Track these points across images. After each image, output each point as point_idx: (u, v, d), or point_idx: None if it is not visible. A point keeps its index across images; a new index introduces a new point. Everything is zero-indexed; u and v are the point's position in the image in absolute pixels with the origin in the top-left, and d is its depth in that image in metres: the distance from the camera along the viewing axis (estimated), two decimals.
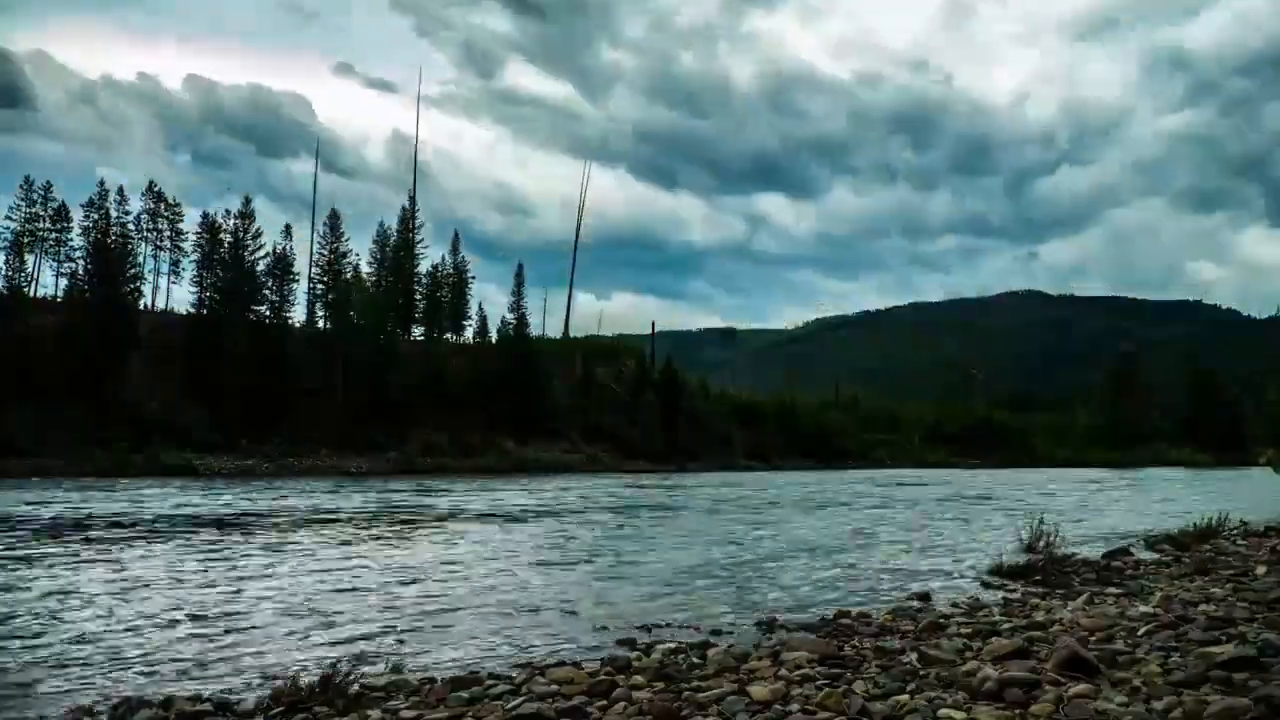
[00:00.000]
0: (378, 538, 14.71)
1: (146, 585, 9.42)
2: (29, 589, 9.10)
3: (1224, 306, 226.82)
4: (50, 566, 10.71)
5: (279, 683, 5.40)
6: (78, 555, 11.73)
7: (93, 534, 14.36)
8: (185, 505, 20.36)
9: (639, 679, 5.46)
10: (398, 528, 16.43)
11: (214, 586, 9.42)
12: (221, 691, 5.47)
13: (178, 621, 7.59)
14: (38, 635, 7.03)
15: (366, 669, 5.71)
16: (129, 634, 7.10)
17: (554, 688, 5.30)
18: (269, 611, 8.09)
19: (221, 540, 13.82)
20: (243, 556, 11.88)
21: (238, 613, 8.00)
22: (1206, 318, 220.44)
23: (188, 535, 14.46)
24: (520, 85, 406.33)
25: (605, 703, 4.98)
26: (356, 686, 5.31)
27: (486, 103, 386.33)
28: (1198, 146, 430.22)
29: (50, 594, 8.84)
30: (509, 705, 4.93)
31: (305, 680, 5.28)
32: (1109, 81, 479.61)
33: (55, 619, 7.63)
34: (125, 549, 12.43)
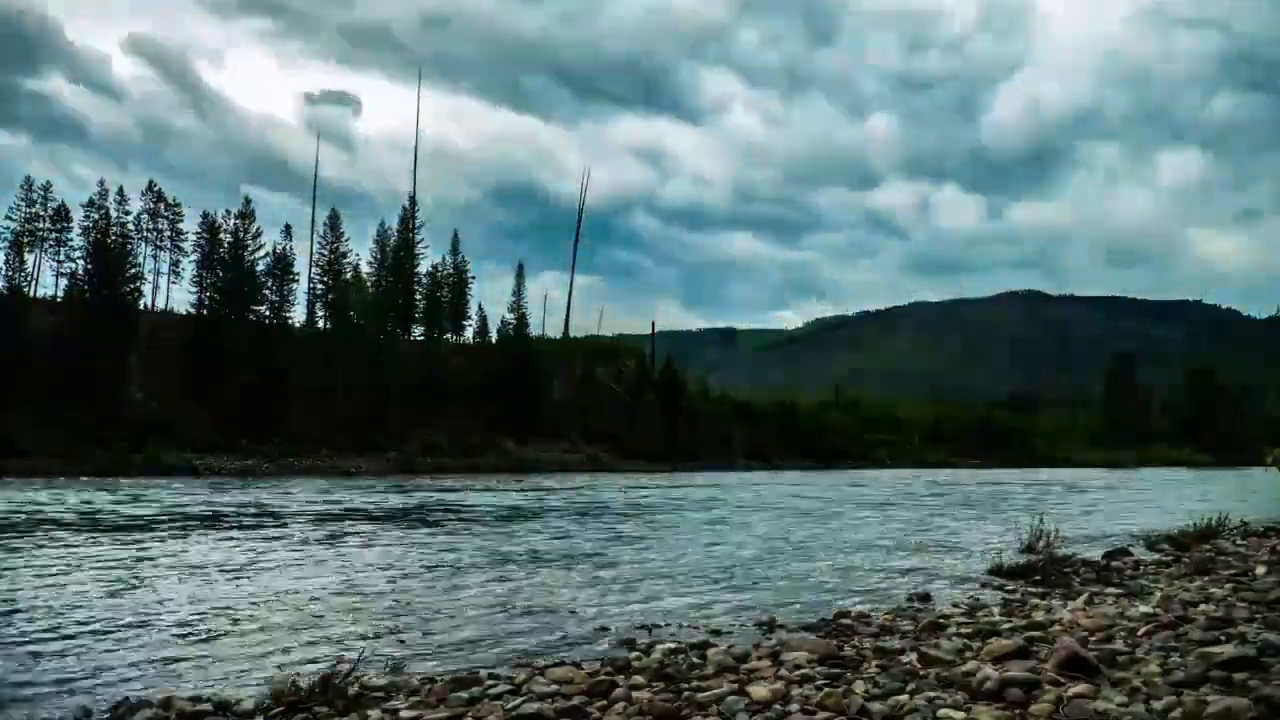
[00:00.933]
0: (377, 538, 14.71)
1: (146, 585, 9.42)
2: (28, 589, 9.10)
3: (1224, 306, 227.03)
4: (50, 567, 10.70)
5: (279, 683, 5.40)
6: (77, 555, 11.73)
7: (92, 534, 14.36)
8: (184, 505, 20.36)
9: (639, 679, 5.46)
10: (397, 528, 16.42)
11: (214, 586, 9.42)
12: (221, 691, 5.47)
13: (177, 621, 7.59)
14: (37, 635, 7.02)
15: (366, 669, 5.70)
16: (129, 634, 7.10)
17: (554, 688, 5.30)
18: (268, 611, 8.08)
19: (221, 540, 13.82)
20: (242, 556, 11.87)
21: (237, 612, 8.00)
22: (1206, 318, 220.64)
23: (187, 535, 14.46)
24: None
25: (605, 703, 4.98)
26: (356, 686, 5.30)
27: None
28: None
29: (50, 594, 8.84)
30: (509, 705, 4.93)
31: (305, 680, 5.28)
32: None
33: (54, 619, 7.62)
34: (125, 549, 12.42)
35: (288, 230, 51.48)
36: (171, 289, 58.05)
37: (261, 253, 49.69)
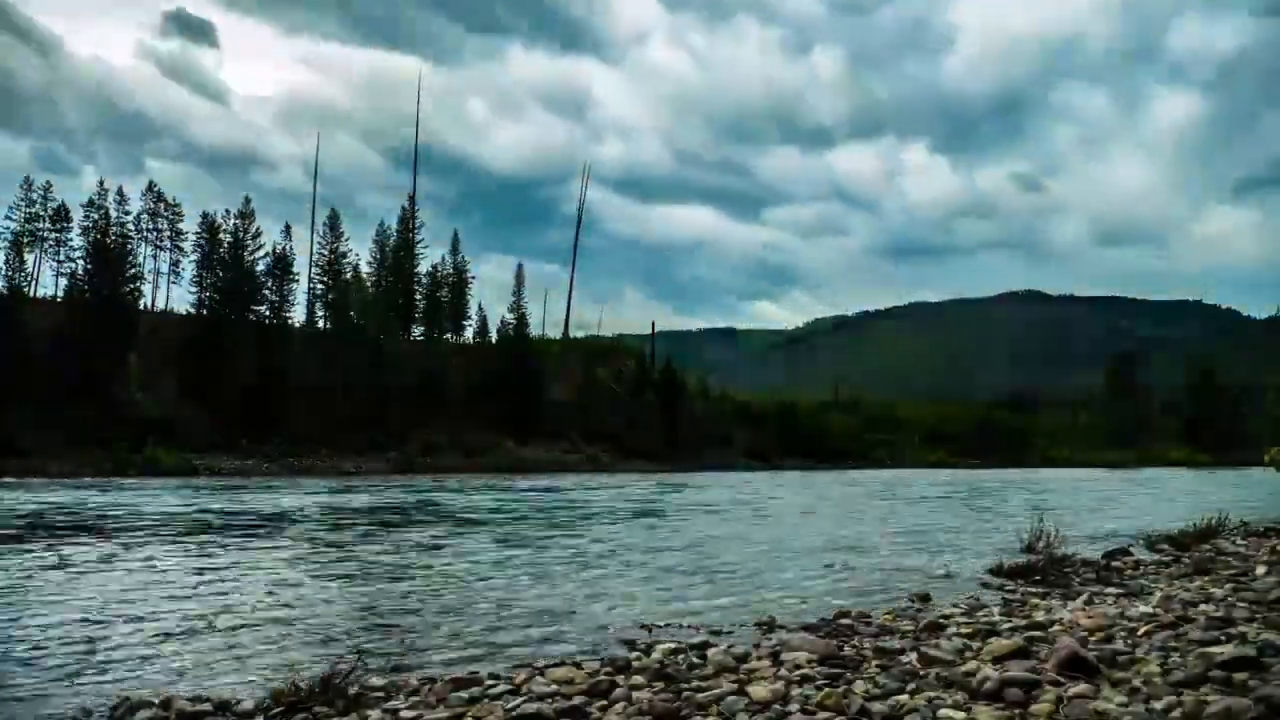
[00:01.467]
0: (376, 538, 14.71)
1: (146, 585, 9.41)
2: (27, 590, 9.10)
3: (1224, 306, 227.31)
4: (49, 567, 10.70)
5: (279, 683, 5.39)
6: (77, 556, 11.72)
7: (92, 535, 14.36)
8: (184, 505, 20.35)
9: (639, 679, 5.45)
10: (396, 528, 16.43)
11: (213, 587, 9.42)
12: (221, 691, 5.46)
13: (177, 622, 7.59)
14: (37, 636, 7.02)
15: (366, 669, 5.70)
16: (128, 634, 7.10)
17: (554, 688, 5.29)
18: (268, 612, 8.08)
19: (220, 540, 13.81)
20: (242, 556, 11.87)
21: (237, 613, 8.00)
22: (1207, 318, 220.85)
23: (187, 535, 14.46)
24: None
25: (605, 703, 4.98)
26: (356, 687, 5.30)
27: None
28: None
29: (50, 595, 8.84)
30: (509, 705, 4.93)
31: (305, 680, 5.28)
32: None
33: (54, 620, 7.62)
34: (125, 549, 12.42)
35: (287, 230, 51.60)
36: (171, 289, 58.15)
37: (261, 253, 49.80)
